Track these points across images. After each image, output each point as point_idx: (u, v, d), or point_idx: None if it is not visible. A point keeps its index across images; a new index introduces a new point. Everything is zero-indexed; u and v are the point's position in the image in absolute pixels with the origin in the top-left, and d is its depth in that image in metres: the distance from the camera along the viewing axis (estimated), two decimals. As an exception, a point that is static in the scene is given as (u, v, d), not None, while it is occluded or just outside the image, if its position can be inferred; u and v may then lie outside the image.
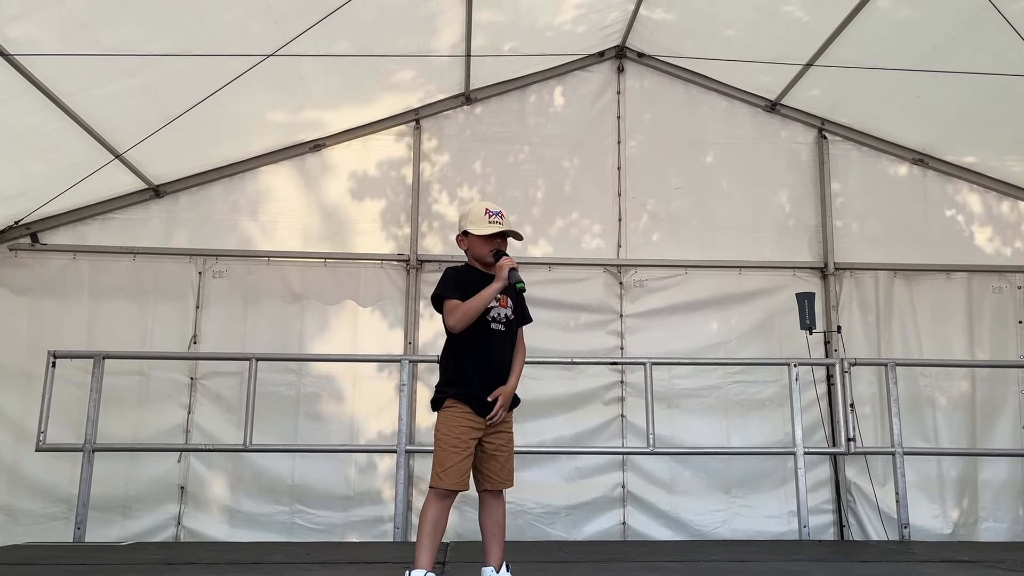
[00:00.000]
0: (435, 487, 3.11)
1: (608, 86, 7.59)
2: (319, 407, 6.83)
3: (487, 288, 3.20)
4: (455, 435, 3.14)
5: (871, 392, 7.03)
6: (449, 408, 3.20)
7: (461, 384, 3.20)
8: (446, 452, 3.12)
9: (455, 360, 3.26)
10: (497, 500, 3.26)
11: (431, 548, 3.06)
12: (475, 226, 3.29)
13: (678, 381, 7.01)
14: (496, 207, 3.35)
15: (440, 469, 3.11)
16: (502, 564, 3.18)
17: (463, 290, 3.24)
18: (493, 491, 3.25)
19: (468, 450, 3.14)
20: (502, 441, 3.25)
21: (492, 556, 3.20)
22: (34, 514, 6.43)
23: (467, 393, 3.19)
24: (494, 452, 3.22)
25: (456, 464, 3.11)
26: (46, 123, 5.60)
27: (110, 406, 6.23)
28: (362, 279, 7.10)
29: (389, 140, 7.34)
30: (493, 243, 3.29)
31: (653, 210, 7.39)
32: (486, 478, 3.23)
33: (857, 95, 7.08)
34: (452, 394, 3.20)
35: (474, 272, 3.35)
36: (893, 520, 6.42)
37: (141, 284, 6.89)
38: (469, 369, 3.21)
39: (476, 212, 3.33)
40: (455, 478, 3.09)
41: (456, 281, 3.29)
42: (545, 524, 6.72)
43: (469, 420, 3.17)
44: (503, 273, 3.19)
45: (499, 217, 3.30)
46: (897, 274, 7.32)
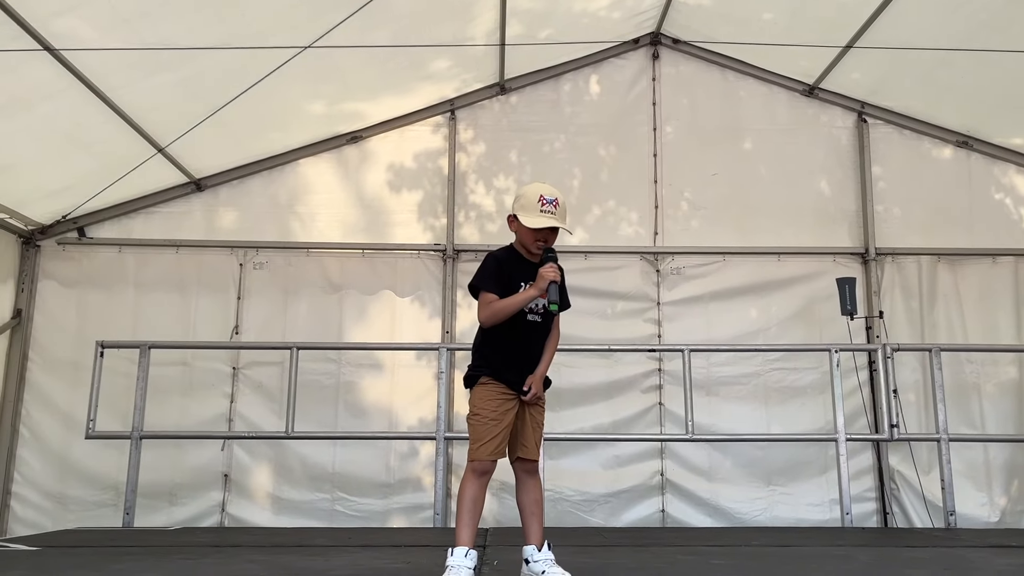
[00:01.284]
0: (474, 460, 3.12)
1: (643, 73, 7.55)
2: (358, 396, 6.90)
3: (523, 293, 3.18)
4: (491, 408, 3.16)
5: (915, 379, 6.92)
6: (484, 384, 3.22)
7: (498, 367, 3.22)
8: (485, 425, 3.14)
9: (488, 348, 3.27)
10: (533, 478, 3.27)
11: (471, 525, 3.08)
12: (525, 212, 3.22)
13: (717, 368, 6.96)
14: (552, 193, 3.22)
15: (479, 443, 3.13)
16: (543, 542, 3.18)
17: (502, 281, 3.23)
18: (528, 469, 3.26)
19: (505, 422, 3.16)
20: (535, 412, 3.28)
21: (533, 535, 3.20)
22: (84, 501, 6.60)
23: (505, 373, 3.21)
24: (528, 420, 3.24)
25: (495, 436, 3.13)
26: (91, 118, 5.73)
27: (155, 395, 6.36)
28: (399, 269, 7.16)
29: (426, 131, 7.39)
30: (541, 234, 3.22)
31: (690, 197, 7.34)
32: (521, 446, 3.24)
33: (898, 77, 6.96)
34: (489, 372, 3.22)
35: (516, 259, 3.30)
36: (938, 508, 6.31)
37: (184, 276, 7.03)
38: (501, 357, 3.22)
39: (529, 197, 3.23)
40: (492, 450, 3.12)
41: (496, 271, 3.26)
42: (584, 512, 6.72)
43: (505, 394, 3.19)
44: (542, 284, 3.14)
45: (553, 206, 3.19)
46: (941, 259, 7.18)
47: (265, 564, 3.80)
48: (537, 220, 3.19)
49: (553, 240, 3.27)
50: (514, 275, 3.24)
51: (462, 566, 2.99)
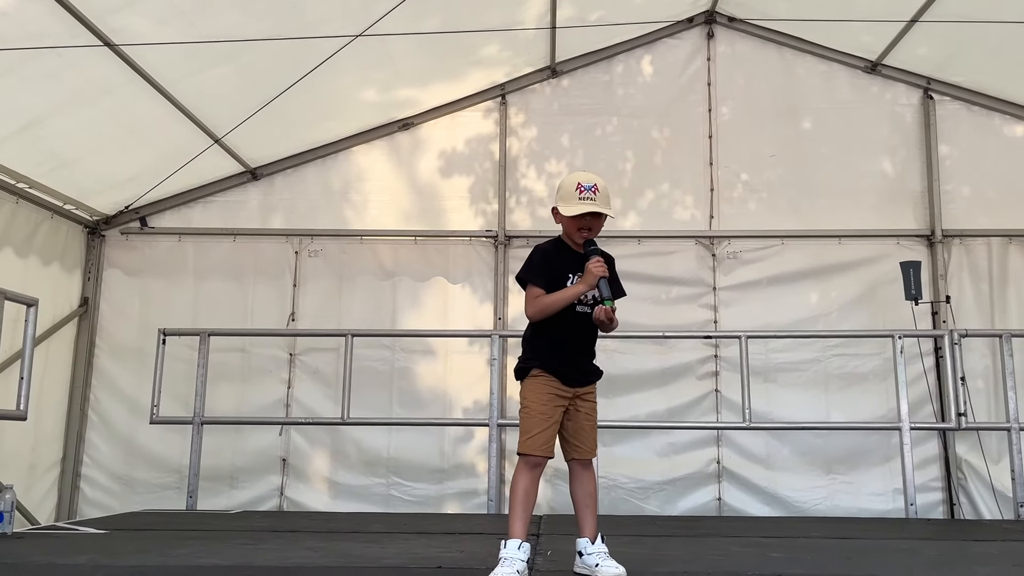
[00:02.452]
0: (523, 454, 3.11)
1: (698, 53, 7.39)
2: (412, 382, 6.95)
3: (571, 289, 3.13)
4: (542, 402, 3.13)
5: (984, 365, 6.68)
6: (535, 377, 3.19)
7: (548, 359, 3.18)
8: (533, 419, 3.12)
9: (539, 340, 3.23)
10: (587, 471, 3.24)
11: (524, 518, 3.07)
12: (564, 202, 3.17)
13: (775, 355, 6.82)
14: (591, 179, 3.16)
15: (527, 436, 3.11)
16: (597, 535, 3.16)
17: (548, 274, 3.18)
18: (582, 461, 3.23)
19: (554, 418, 3.13)
20: (587, 410, 3.23)
21: (586, 527, 3.18)
22: (149, 483, 6.80)
23: (554, 365, 3.17)
24: (582, 421, 3.20)
25: (543, 431, 3.10)
26: (150, 111, 5.86)
27: (215, 381, 6.51)
28: (451, 256, 7.17)
29: (477, 116, 7.36)
30: (583, 221, 3.17)
31: (747, 179, 7.18)
32: (574, 447, 3.21)
33: (967, 51, 6.67)
34: (539, 364, 3.19)
35: (564, 251, 3.25)
36: (1008, 499, 6.09)
37: (241, 264, 7.15)
38: (552, 350, 3.18)
39: (567, 187, 3.19)
40: (541, 444, 3.09)
41: (542, 264, 3.22)
42: (638, 499, 6.68)
43: (555, 389, 3.16)
44: (590, 279, 3.09)
45: (592, 192, 3.13)
46: (1013, 240, 6.90)
47: (322, 551, 3.85)
48: (575, 207, 3.14)
49: (599, 227, 3.20)
50: (562, 268, 3.19)
51: (516, 559, 2.98)
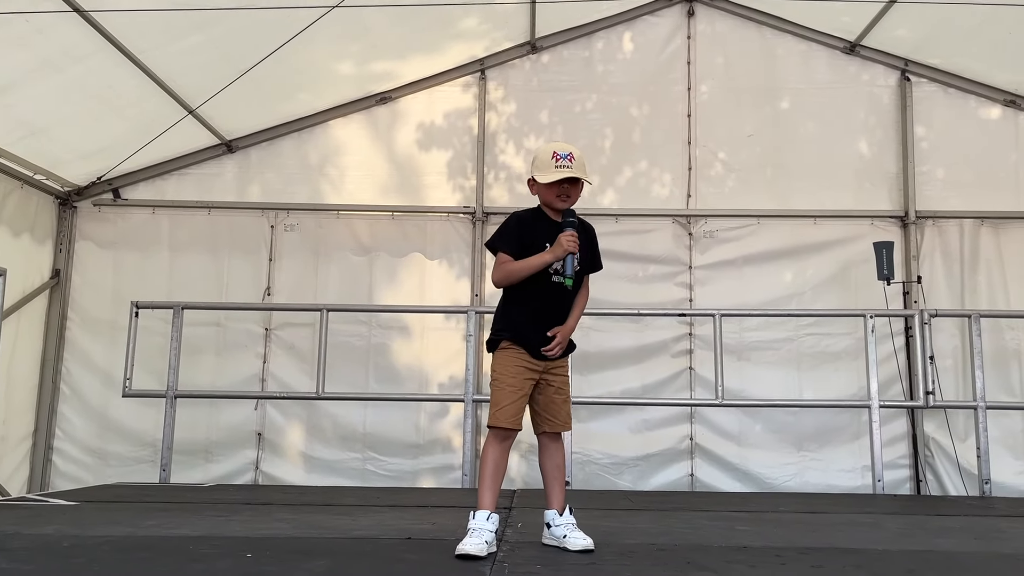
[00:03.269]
0: (492, 426, 3.13)
1: (678, 31, 7.37)
2: (388, 357, 6.95)
3: (538, 257, 3.12)
4: (511, 374, 3.15)
5: (953, 345, 6.78)
6: (505, 349, 3.20)
7: (519, 331, 3.19)
8: (503, 391, 3.14)
9: (512, 309, 3.24)
10: (556, 443, 3.27)
11: (493, 489, 3.10)
12: (540, 172, 3.18)
13: (749, 333, 6.88)
14: (566, 148, 3.17)
15: (496, 408, 3.13)
16: (565, 507, 3.19)
17: (521, 242, 3.18)
18: (552, 434, 3.25)
19: (523, 390, 3.15)
20: (559, 383, 3.24)
21: (554, 499, 3.21)
22: (123, 457, 6.78)
23: (523, 337, 3.18)
24: (552, 395, 3.22)
25: (512, 403, 3.12)
26: (122, 81, 5.77)
27: (190, 355, 6.49)
28: (429, 232, 7.15)
29: (455, 91, 7.31)
30: (560, 188, 3.17)
31: (725, 159, 7.20)
32: (546, 420, 3.23)
33: (944, 33, 6.70)
34: (508, 336, 3.20)
35: (541, 219, 3.24)
36: (973, 476, 6.22)
37: (216, 237, 7.10)
38: (526, 318, 3.19)
39: (543, 156, 3.20)
40: (510, 416, 3.11)
41: (516, 231, 3.21)
42: (612, 475, 6.74)
43: (525, 361, 3.17)
44: (559, 251, 3.09)
45: (568, 160, 3.14)
46: (984, 222, 6.98)
47: (294, 523, 3.87)
48: (552, 174, 3.14)
49: (576, 194, 3.21)
50: (537, 237, 3.18)
51: (484, 529, 3.00)
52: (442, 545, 3.15)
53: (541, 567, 2.83)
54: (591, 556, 3.01)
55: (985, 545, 3.57)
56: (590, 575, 2.69)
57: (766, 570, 2.84)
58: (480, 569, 2.76)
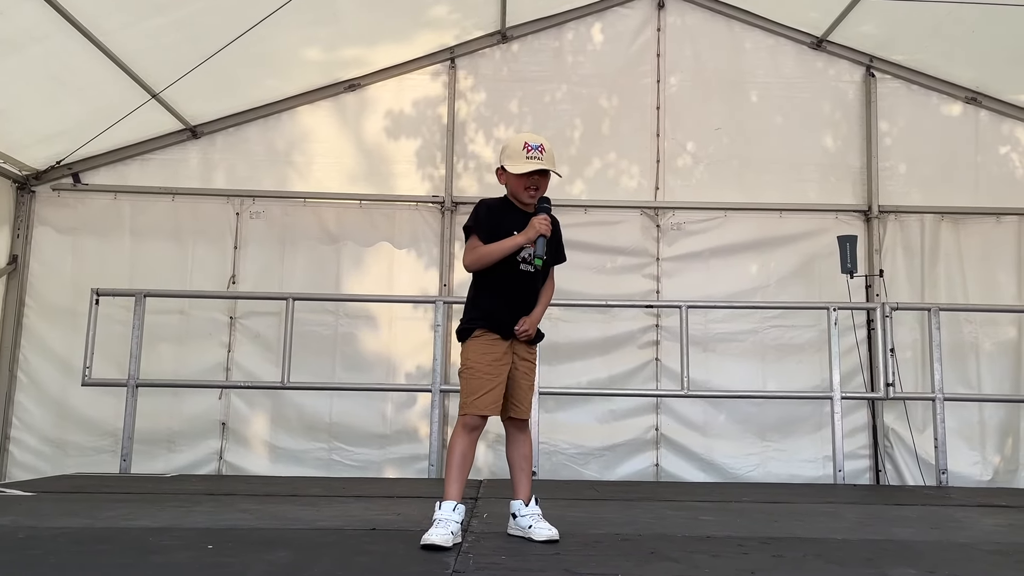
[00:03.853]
0: (468, 414, 3.12)
1: (648, 23, 7.38)
2: (356, 347, 6.90)
3: (510, 240, 3.14)
4: (487, 362, 3.14)
5: (913, 338, 6.90)
6: (478, 337, 3.20)
7: (491, 316, 3.19)
8: (479, 379, 3.13)
9: (484, 296, 3.24)
10: (523, 433, 3.28)
11: (460, 480, 3.09)
12: (511, 162, 3.18)
13: (714, 325, 6.94)
14: (538, 139, 3.18)
15: (473, 396, 3.12)
16: (531, 497, 3.19)
17: (491, 228, 3.19)
18: (519, 422, 3.26)
19: (500, 377, 3.15)
20: (526, 369, 3.26)
21: (520, 489, 3.21)
22: (82, 447, 6.66)
23: (496, 322, 3.18)
24: (520, 379, 3.23)
25: (490, 391, 3.11)
26: (83, 62, 5.64)
27: (153, 344, 6.39)
28: (397, 221, 7.11)
29: (425, 79, 7.26)
30: (530, 180, 3.18)
31: (693, 151, 7.24)
32: (513, 406, 3.23)
33: (909, 30, 6.79)
34: (481, 324, 3.19)
35: (509, 208, 3.25)
36: (931, 466, 6.35)
37: (180, 224, 6.98)
38: (494, 306, 3.19)
39: (514, 146, 3.20)
40: (489, 403, 3.11)
41: (486, 217, 3.22)
42: (578, 464, 6.77)
43: (498, 347, 3.17)
44: (531, 233, 3.10)
45: (539, 151, 3.15)
46: (944, 217, 7.10)
47: (257, 513, 3.83)
48: (524, 165, 3.15)
49: (545, 186, 3.22)
50: (505, 223, 3.19)
51: (450, 520, 3.00)
52: (407, 536, 3.14)
53: (506, 557, 2.84)
54: (556, 546, 3.02)
55: (942, 534, 3.64)
56: (555, 565, 2.70)
57: (729, 559, 2.87)
58: (445, 560, 2.76)
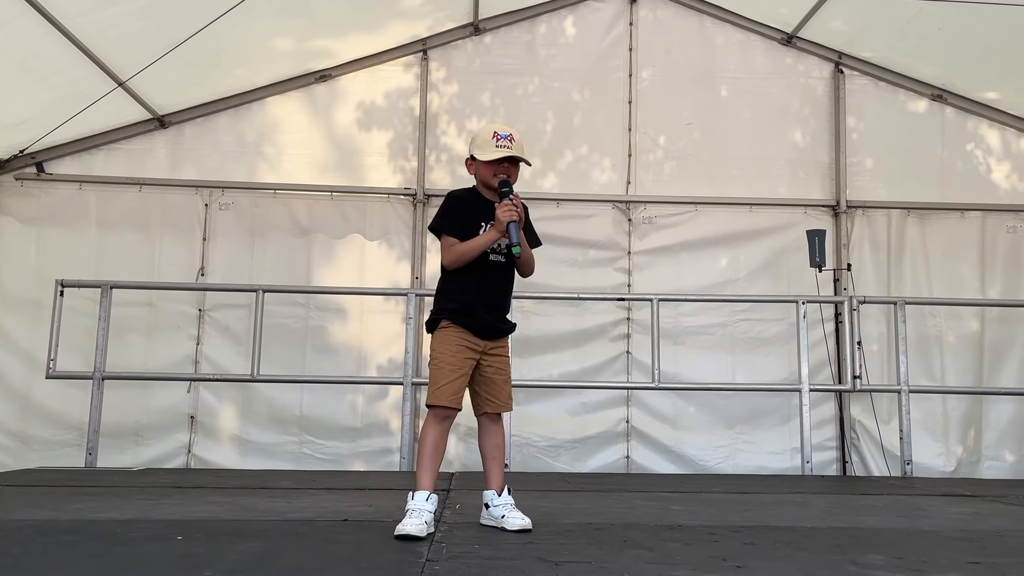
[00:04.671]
0: (431, 405, 3.13)
1: (620, 17, 7.41)
2: (327, 340, 6.86)
3: (484, 236, 3.14)
4: (451, 353, 3.14)
5: (879, 331, 7.00)
6: (445, 328, 3.20)
7: (459, 309, 3.19)
8: (442, 370, 3.13)
9: (452, 289, 3.24)
10: (496, 424, 3.28)
11: (432, 470, 3.09)
12: (481, 150, 3.19)
13: (685, 318, 6.99)
14: (507, 129, 3.20)
15: (435, 387, 3.12)
16: (504, 487, 3.20)
17: (462, 223, 3.18)
18: (492, 415, 3.26)
19: (463, 369, 3.15)
20: (499, 364, 3.25)
21: (493, 480, 3.22)
22: (47, 441, 6.55)
23: (466, 315, 3.18)
24: (492, 375, 3.22)
25: (452, 381, 3.11)
26: (46, 48, 5.53)
27: (120, 336, 6.29)
28: (369, 213, 7.06)
29: (397, 70, 7.22)
30: (500, 168, 3.18)
31: (664, 145, 7.28)
32: (486, 401, 3.24)
33: (876, 28, 6.88)
34: (448, 316, 3.19)
35: (478, 199, 3.25)
36: (896, 457, 6.45)
37: (148, 215, 6.88)
38: (466, 297, 3.19)
39: (483, 135, 3.22)
40: (450, 395, 3.10)
41: (456, 212, 3.22)
42: (550, 457, 6.79)
43: (465, 340, 3.17)
44: (500, 225, 3.09)
45: (508, 141, 3.16)
46: (910, 213, 7.22)
47: (226, 505, 3.79)
48: (493, 153, 3.15)
49: (515, 175, 3.22)
50: (475, 217, 3.19)
51: (423, 510, 3.00)
52: (380, 526, 3.13)
53: (479, 547, 2.84)
54: (529, 535, 3.02)
55: (907, 522, 3.71)
56: (528, 554, 2.71)
57: (700, 547, 2.90)
58: (418, 549, 2.75)
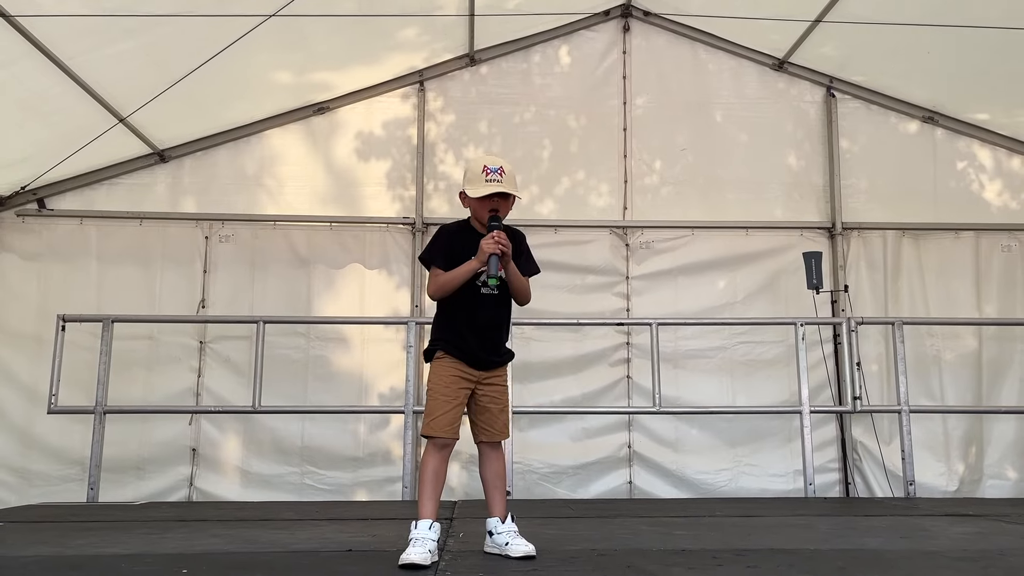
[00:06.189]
0: (426, 435, 3.15)
1: (614, 45, 7.51)
2: (328, 369, 6.87)
3: (465, 266, 3.15)
4: (445, 384, 3.17)
5: (878, 351, 7.02)
6: (440, 359, 3.22)
7: (452, 341, 3.22)
8: (436, 401, 3.15)
9: (445, 320, 3.27)
10: (496, 451, 3.29)
11: (434, 498, 3.10)
12: (471, 185, 3.21)
13: (684, 342, 7.02)
14: (497, 162, 3.19)
15: (430, 418, 3.14)
16: (507, 514, 3.21)
17: (450, 255, 3.21)
18: (490, 443, 3.27)
19: (458, 399, 3.17)
20: (495, 393, 3.27)
21: (496, 507, 3.23)
22: (48, 476, 6.53)
23: (458, 347, 3.20)
24: (487, 404, 3.24)
25: (446, 412, 3.13)
26: (49, 87, 5.60)
27: (121, 370, 6.30)
28: (368, 242, 7.11)
29: (394, 101, 7.30)
30: (491, 202, 3.19)
31: (660, 170, 7.35)
32: (481, 430, 3.26)
33: (866, 52, 6.98)
34: (443, 347, 3.22)
35: (469, 233, 3.26)
36: (898, 478, 6.44)
37: (148, 249, 6.92)
38: (459, 328, 3.21)
39: (474, 170, 3.22)
40: (445, 426, 3.12)
41: (445, 244, 3.24)
42: (552, 483, 6.78)
43: (460, 370, 3.19)
44: (481, 255, 3.10)
45: (498, 174, 3.15)
46: (905, 233, 7.27)
47: (229, 538, 3.79)
48: (482, 188, 3.17)
49: (507, 208, 3.24)
50: (465, 249, 3.20)
51: (426, 538, 3.01)
52: (384, 556, 3.14)
53: (484, 574, 2.84)
54: (533, 563, 3.03)
55: (910, 543, 3.71)
56: (532, 581, 2.71)
57: (704, 572, 2.91)
58: (423, 578, 2.76)
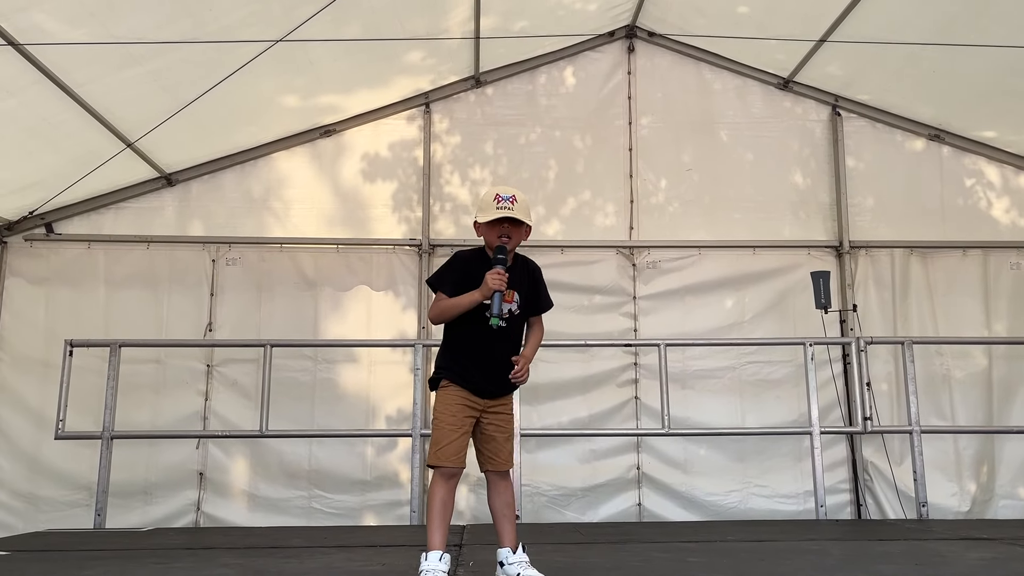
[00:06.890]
0: (433, 465, 3.13)
1: (619, 66, 7.53)
2: (335, 392, 6.86)
3: (467, 296, 3.14)
4: (451, 413, 3.15)
5: (887, 371, 6.99)
6: (445, 388, 3.21)
7: (457, 371, 3.20)
8: (442, 430, 3.14)
9: (451, 351, 3.26)
10: (504, 481, 3.26)
11: (443, 528, 3.08)
12: (483, 212, 3.21)
13: (692, 362, 6.99)
14: (509, 191, 3.19)
15: (437, 447, 3.12)
16: (518, 544, 3.18)
17: (460, 281, 3.20)
18: (498, 472, 3.25)
19: (463, 428, 3.15)
20: (501, 421, 3.24)
21: (506, 537, 3.20)
22: (55, 501, 6.52)
23: (463, 377, 3.19)
24: (493, 433, 3.22)
25: (452, 442, 3.11)
26: (57, 113, 5.63)
27: (128, 394, 6.29)
28: (375, 264, 7.12)
29: (400, 123, 7.34)
30: (501, 228, 3.19)
31: (665, 190, 7.35)
32: (487, 459, 3.24)
33: (872, 70, 6.99)
34: (448, 375, 3.21)
35: (483, 260, 3.25)
36: (911, 498, 6.38)
37: (156, 272, 6.94)
38: (466, 360, 3.20)
39: (486, 199, 3.23)
40: (451, 455, 3.10)
41: (458, 270, 3.25)
42: (560, 506, 6.74)
43: (465, 399, 3.17)
44: (484, 289, 3.09)
45: (510, 202, 3.15)
46: (913, 252, 7.25)
47: (239, 568, 3.76)
48: (492, 214, 3.16)
49: (518, 237, 3.22)
50: (476, 275, 3.17)
51: (436, 570, 2.98)
52: (394, 588, 3.10)
53: (495, 608, 2.81)
54: (545, 595, 3.00)
55: (925, 571, 3.66)
56: (545, 615, 2.68)
57: (717, 603, 2.87)
58: (434, 612, 2.73)
